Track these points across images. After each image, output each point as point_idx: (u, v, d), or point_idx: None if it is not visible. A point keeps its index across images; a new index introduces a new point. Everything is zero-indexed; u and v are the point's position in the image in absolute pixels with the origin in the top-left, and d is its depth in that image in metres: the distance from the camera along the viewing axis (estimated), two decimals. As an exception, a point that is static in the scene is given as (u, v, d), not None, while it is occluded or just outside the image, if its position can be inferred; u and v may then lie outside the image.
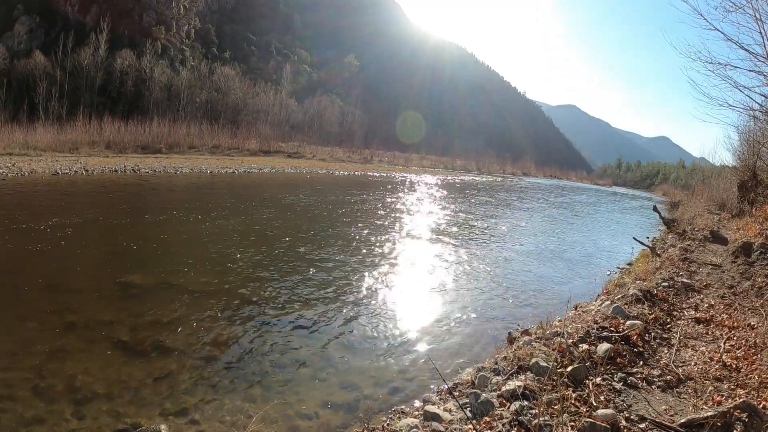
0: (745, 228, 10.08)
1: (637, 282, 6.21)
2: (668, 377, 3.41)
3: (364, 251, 9.09)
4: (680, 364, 3.64)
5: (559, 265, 9.91)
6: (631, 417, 2.77)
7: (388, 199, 19.66)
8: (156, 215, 11.21)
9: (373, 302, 6.18)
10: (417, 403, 3.63)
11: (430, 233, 12.02)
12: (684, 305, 5.25)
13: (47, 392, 3.50)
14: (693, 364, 3.60)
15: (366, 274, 7.50)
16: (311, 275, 7.14)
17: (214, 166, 27.30)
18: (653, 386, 3.28)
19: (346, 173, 35.35)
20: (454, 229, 13.23)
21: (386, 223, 13.00)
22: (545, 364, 3.52)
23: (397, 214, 15.08)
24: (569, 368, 3.37)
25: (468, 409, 3.17)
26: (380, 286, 6.94)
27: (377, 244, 9.87)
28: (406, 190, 25.44)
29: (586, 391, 3.09)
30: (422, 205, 19.20)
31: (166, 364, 4.08)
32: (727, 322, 4.52)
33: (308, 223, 11.85)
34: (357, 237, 10.53)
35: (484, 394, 3.21)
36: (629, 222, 22.12)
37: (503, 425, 2.81)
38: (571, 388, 3.16)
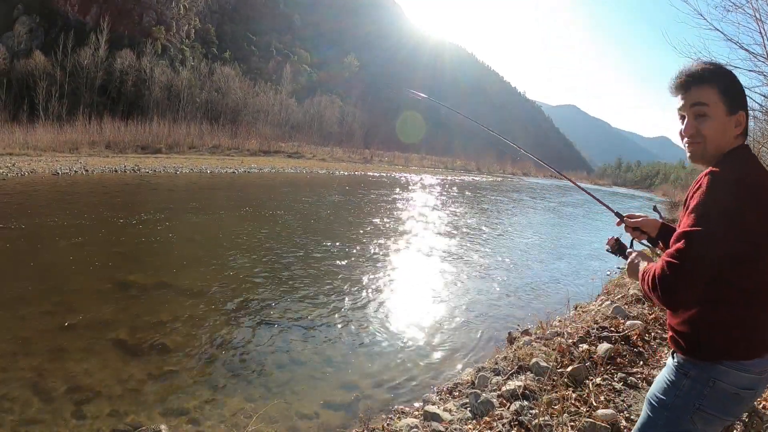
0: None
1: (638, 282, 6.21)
2: (668, 377, 3.40)
3: (366, 251, 9.09)
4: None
5: (559, 264, 9.91)
6: (631, 417, 2.77)
7: (391, 199, 19.67)
8: (156, 215, 11.22)
9: (373, 302, 6.18)
10: (417, 403, 3.63)
11: (432, 232, 12.03)
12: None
13: (47, 392, 3.50)
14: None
15: (367, 274, 7.50)
16: (312, 275, 7.14)
17: (214, 166, 27.31)
18: (653, 386, 3.27)
19: (346, 173, 35.37)
20: (458, 228, 13.24)
21: (388, 223, 13.00)
22: (545, 364, 3.52)
23: (400, 214, 15.08)
24: (569, 368, 3.37)
25: (468, 409, 3.17)
26: (381, 285, 6.94)
27: (379, 244, 9.87)
28: (407, 190, 25.45)
29: (586, 391, 3.10)
30: (426, 204, 19.20)
31: (166, 364, 4.08)
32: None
33: (309, 223, 11.86)
34: (359, 237, 10.53)
35: (484, 394, 3.21)
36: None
37: (503, 425, 2.81)
38: (571, 388, 3.16)
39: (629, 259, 1.48)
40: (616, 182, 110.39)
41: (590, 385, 3.15)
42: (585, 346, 3.87)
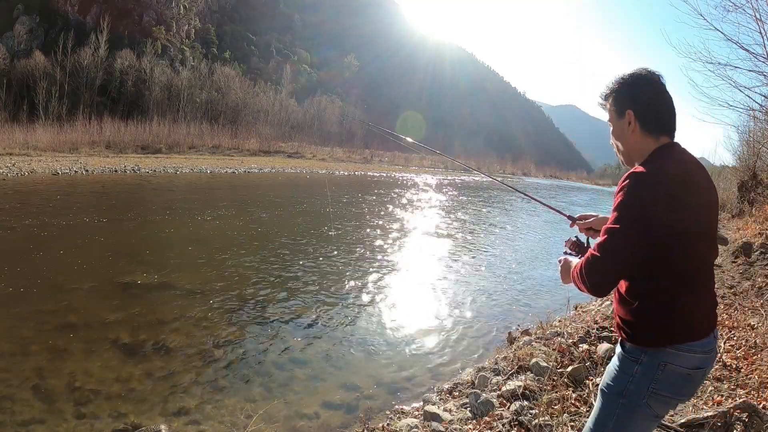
0: (745, 228, 10.07)
1: (637, 282, 6.19)
2: (668, 377, 3.39)
3: (367, 252, 9.09)
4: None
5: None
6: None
7: (391, 199, 19.67)
8: (156, 215, 11.22)
9: (374, 302, 6.18)
10: (417, 403, 3.63)
11: (434, 232, 12.02)
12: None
13: (47, 392, 3.50)
14: (693, 364, 3.59)
15: (368, 274, 7.50)
16: (312, 275, 7.14)
17: (214, 166, 27.31)
18: (653, 386, 3.26)
19: (346, 173, 35.37)
20: (460, 227, 13.24)
21: (389, 222, 13.00)
22: (545, 364, 3.52)
23: (400, 215, 15.07)
24: (569, 368, 3.37)
25: (468, 409, 3.17)
26: (382, 285, 6.94)
27: (379, 245, 9.87)
28: (408, 190, 25.44)
29: (586, 391, 3.10)
30: (429, 204, 19.20)
31: (166, 364, 4.08)
32: (727, 322, 4.52)
33: (309, 223, 11.85)
34: (360, 237, 10.53)
35: (484, 394, 3.21)
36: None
37: (503, 425, 2.81)
38: (571, 388, 3.16)
39: (560, 264, 1.58)
40: (616, 182, 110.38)
41: (590, 385, 3.15)
42: (585, 346, 3.87)
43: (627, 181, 1.30)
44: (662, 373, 1.31)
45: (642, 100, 1.40)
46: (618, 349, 1.44)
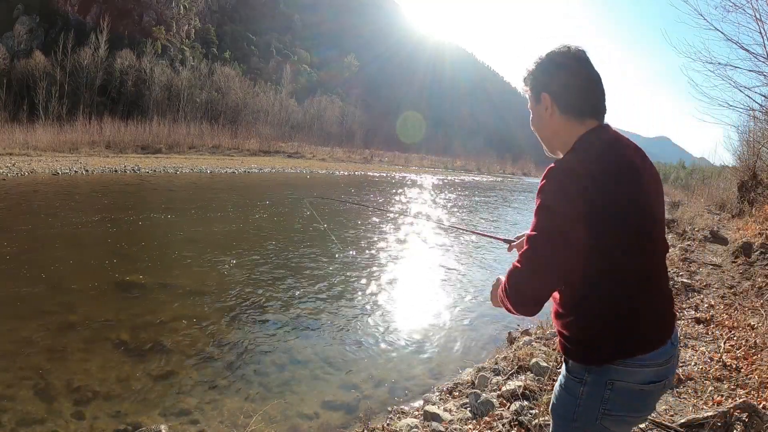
0: (745, 228, 10.07)
1: (637, 282, 6.19)
2: (668, 377, 3.39)
3: (367, 252, 9.09)
4: (680, 365, 3.64)
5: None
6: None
7: (392, 199, 19.67)
8: (156, 215, 11.22)
9: (374, 302, 6.18)
10: (417, 403, 3.63)
11: (435, 232, 12.02)
12: (684, 305, 5.25)
13: (47, 392, 3.50)
14: (693, 364, 3.60)
15: (369, 274, 7.50)
16: (312, 275, 7.14)
17: (214, 166, 27.31)
18: (653, 386, 3.26)
19: (346, 173, 35.36)
20: (459, 226, 13.22)
21: (389, 223, 13.00)
22: (545, 364, 3.52)
23: (400, 215, 15.06)
24: (569, 368, 3.37)
25: (468, 409, 3.17)
26: (381, 286, 6.94)
27: (379, 245, 9.87)
28: (408, 190, 25.44)
29: (586, 391, 3.09)
30: (429, 203, 19.19)
31: (166, 364, 4.08)
32: (727, 322, 4.52)
33: (309, 223, 11.85)
34: (359, 237, 10.53)
35: (484, 394, 3.21)
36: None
37: (503, 425, 2.81)
38: (571, 388, 3.15)
39: (491, 291, 1.39)
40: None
41: (590, 385, 3.14)
42: (585, 346, 3.86)
43: (543, 180, 1.13)
44: (611, 393, 1.13)
45: (560, 81, 1.23)
46: (563, 366, 1.27)
